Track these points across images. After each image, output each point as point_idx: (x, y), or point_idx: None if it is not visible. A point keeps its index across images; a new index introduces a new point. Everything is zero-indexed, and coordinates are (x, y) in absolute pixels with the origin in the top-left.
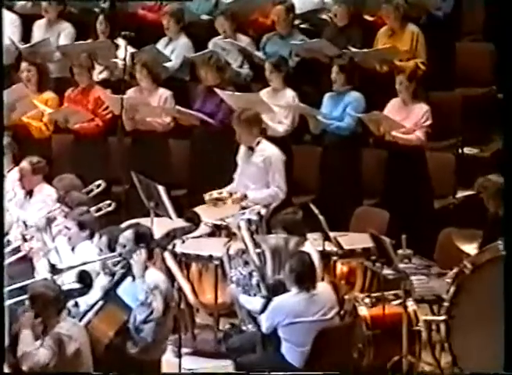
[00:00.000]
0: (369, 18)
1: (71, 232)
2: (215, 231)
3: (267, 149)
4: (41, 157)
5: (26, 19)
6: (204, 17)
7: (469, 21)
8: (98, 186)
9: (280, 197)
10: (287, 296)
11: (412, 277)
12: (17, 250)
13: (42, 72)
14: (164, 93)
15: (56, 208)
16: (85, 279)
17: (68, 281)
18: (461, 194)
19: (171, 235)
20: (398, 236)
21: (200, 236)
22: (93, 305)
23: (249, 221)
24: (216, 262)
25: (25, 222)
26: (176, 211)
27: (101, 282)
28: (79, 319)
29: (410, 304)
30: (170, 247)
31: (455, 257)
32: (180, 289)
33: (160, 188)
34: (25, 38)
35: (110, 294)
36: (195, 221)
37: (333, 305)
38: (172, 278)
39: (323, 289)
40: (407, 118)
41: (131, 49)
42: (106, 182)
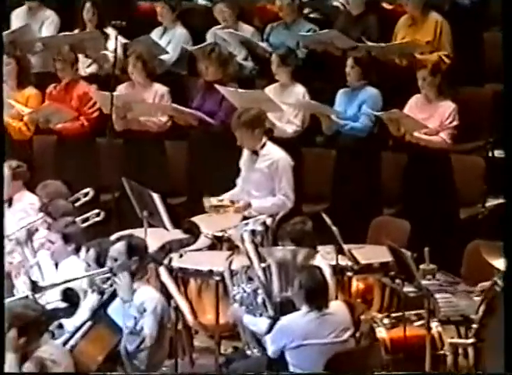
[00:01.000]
0: (387, 6)
1: (55, 246)
2: (216, 244)
3: (273, 153)
4: (22, 161)
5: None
6: (201, 1)
7: (498, 9)
8: (86, 194)
9: (287, 206)
10: (296, 315)
11: (436, 295)
12: None
13: (22, 65)
14: (159, 89)
15: (38, 218)
16: (71, 297)
17: (51, 300)
18: (491, 202)
19: (167, 248)
20: (420, 249)
21: (199, 249)
22: (80, 327)
23: (253, 232)
24: (217, 278)
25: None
26: (173, 221)
27: (89, 301)
28: (64, 342)
29: (434, 325)
30: (166, 261)
31: (484, 273)
32: (177, 308)
33: (154, 196)
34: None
35: (99, 314)
36: (194, 232)
37: (348, 326)
38: (168, 296)
39: (336, 308)
40: (431, 117)
41: (122, 40)
42: (94, 189)
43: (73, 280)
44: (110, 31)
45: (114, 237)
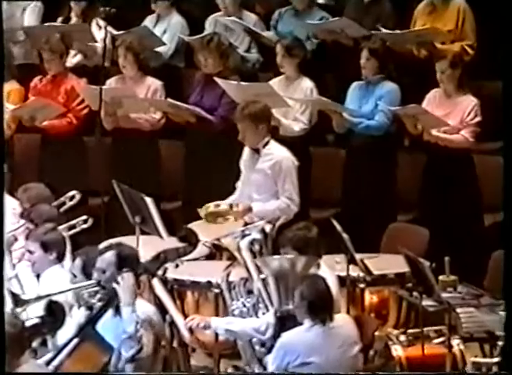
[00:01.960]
0: None
1: (35, 256)
2: (215, 253)
3: (275, 152)
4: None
5: None
6: None
7: None
8: (72, 198)
9: (292, 210)
10: (298, 330)
11: (458, 310)
12: None
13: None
14: (152, 83)
15: (19, 226)
16: (56, 312)
17: (34, 315)
18: None
19: (161, 258)
20: (440, 258)
21: (197, 258)
22: (65, 345)
23: (251, 240)
24: (216, 291)
25: None
26: (168, 228)
27: (76, 316)
28: (47, 362)
29: (455, 342)
30: (160, 272)
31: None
32: (173, 323)
33: (148, 200)
34: None
35: (87, 331)
36: (191, 240)
37: (355, 340)
38: (163, 310)
39: (342, 321)
40: (451, 113)
41: (112, 30)
42: (81, 193)
43: (58, 294)
44: (98, 20)
45: (102, 246)
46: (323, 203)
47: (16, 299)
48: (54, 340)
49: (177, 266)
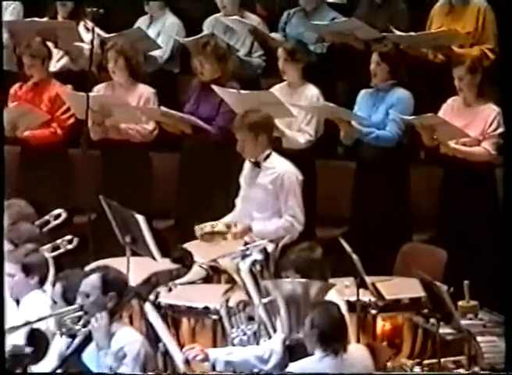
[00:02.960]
0: None
1: (14, 279)
2: (213, 275)
3: (277, 166)
4: None
5: None
6: None
7: None
8: (56, 216)
9: (296, 229)
10: (308, 362)
11: (479, 338)
12: None
13: None
14: (145, 91)
15: None
16: (38, 341)
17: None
18: None
19: (153, 281)
20: (459, 282)
21: (192, 282)
22: None
23: (251, 261)
24: (215, 317)
25: None
26: (160, 248)
27: (58, 345)
28: None
29: None
30: (152, 297)
31: None
32: (167, 353)
33: (139, 218)
34: None
35: (70, 361)
36: (185, 262)
37: (370, 374)
38: (156, 339)
39: (357, 352)
40: (471, 124)
41: (101, 32)
42: (67, 211)
43: (38, 321)
44: (87, 22)
45: (87, 269)
46: (330, 221)
47: None
48: (35, 370)
49: (170, 290)
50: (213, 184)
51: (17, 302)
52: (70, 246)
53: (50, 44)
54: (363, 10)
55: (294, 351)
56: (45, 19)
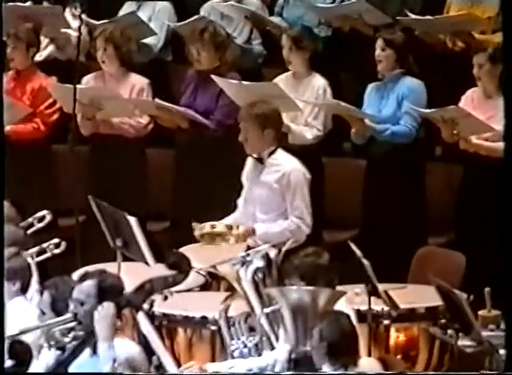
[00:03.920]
0: None
1: None
2: (211, 282)
3: (283, 163)
4: None
5: None
6: None
7: None
8: (42, 218)
9: (303, 231)
10: None
11: (501, 351)
12: None
13: None
14: (138, 81)
15: None
16: (21, 354)
17: None
18: None
19: (146, 288)
20: (479, 289)
21: (189, 289)
22: None
23: (253, 269)
24: (213, 328)
25: None
26: (154, 253)
27: (45, 359)
28: None
29: None
30: (146, 305)
31: None
32: (161, 366)
33: (131, 220)
34: None
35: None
36: (182, 267)
37: None
38: (149, 351)
39: (368, 367)
40: (493, 118)
41: (89, 19)
42: (52, 212)
43: (24, 333)
44: (74, 6)
45: (78, 275)
46: (339, 223)
47: None
48: None
49: (166, 298)
50: (212, 183)
51: None
52: (57, 250)
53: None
54: None
55: (300, 364)
56: (29, 3)
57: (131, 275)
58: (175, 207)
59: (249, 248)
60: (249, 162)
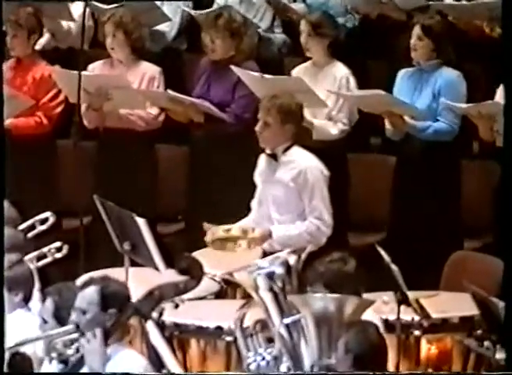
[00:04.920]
0: None
1: None
2: (226, 289)
3: (299, 159)
4: None
5: None
6: None
7: None
8: (44, 220)
9: (323, 233)
10: None
11: None
12: None
13: None
14: (149, 70)
15: None
16: (22, 366)
17: None
18: None
19: (156, 295)
20: None
21: (202, 297)
22: None
23: (271, 276)
24: (229, 338)
25: None
26: (165, 257)
27: (47, 372)
28: None
29: None
30: (156, 314)
31: None
32: None
33: (140, 222)
34: None
35: None
36: (195, 273)
37: None
38: (159, 364)
39: None
40: None
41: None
42: (55, 213)
43: (23, 344)
44: None
45: (81, 281)
46: (365, 226)
47: None
48: None
49: (177, 307)
50: (228, 182)
51: None
52: (59, 255)
53: None
54: None
55: None
56: None
57: (139, 281)
58: (187, 208)
59: (265, 254)
60: (262, 160)
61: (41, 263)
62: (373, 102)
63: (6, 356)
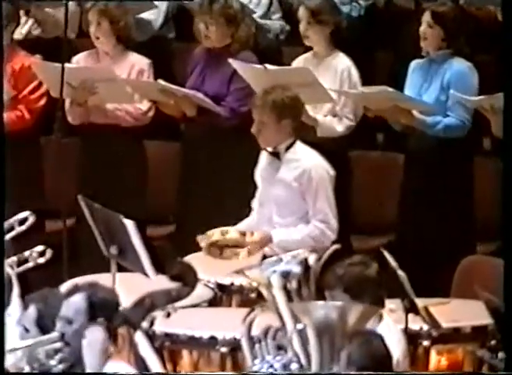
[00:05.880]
0: None
1: None
2: (221, 296)
3: (302, 158)
4: None
5: None
6: None
7: None
8: (23, 221)
9: (327, 237)
10: None
11: None
12: None
13: None
14: (137, 61)
15: None
16: None
17: None
18: None
19: (146, 304)
20: None
21: (196, 304)
22: None
23: (286, 275)
24: (224, 350)
25: None
26: (155, 262)
27: (47, 372)
28: None
29: None
30: (146, 324)
31: None
32: None
33: (128, 224)
34: None
35: None
36: (187, 279)
37: None
38: None
39: None
40: None
41: None
42: (37, 214)
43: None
44: None
45: (67, 288)
46: (370, 228)
47: None
48: None
49: (169, 315)
50: (223, 182)
51: None
52: (42, 259)
53: None
54: None
55: None
56: None
57: (128, 288)
58: (179, 209)
59: (265, 257)
60: (263, 158)
61: (22, 268)
62: (379, 99)
63: None
